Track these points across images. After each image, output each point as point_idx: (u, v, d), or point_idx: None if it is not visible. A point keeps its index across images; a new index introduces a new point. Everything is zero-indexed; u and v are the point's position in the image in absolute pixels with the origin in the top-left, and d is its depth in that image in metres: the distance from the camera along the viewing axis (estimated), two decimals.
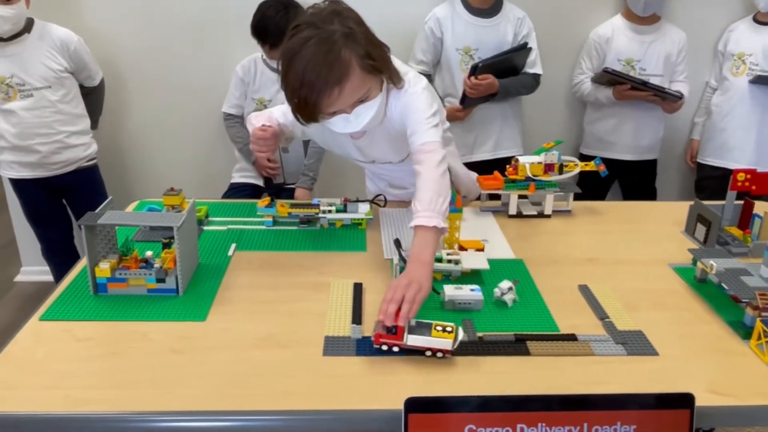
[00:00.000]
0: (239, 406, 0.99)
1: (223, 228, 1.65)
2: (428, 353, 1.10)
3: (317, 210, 1.65)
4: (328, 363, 1.10)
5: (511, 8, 2.57)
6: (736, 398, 1.03)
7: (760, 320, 1.15)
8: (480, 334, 1.18)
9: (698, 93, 2.89)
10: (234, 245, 1.55)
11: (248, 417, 0.99)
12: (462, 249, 1.46)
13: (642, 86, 2.58)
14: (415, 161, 1.38)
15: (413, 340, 1.10)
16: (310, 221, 1.67)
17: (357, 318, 1.22)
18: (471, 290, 1.27)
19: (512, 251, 1.54)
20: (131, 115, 2.95)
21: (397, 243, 1.38)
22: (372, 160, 1.67)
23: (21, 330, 1.18)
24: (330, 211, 1.65)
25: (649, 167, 2.88)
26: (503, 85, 2.48)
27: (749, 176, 1.58)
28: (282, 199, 1.72)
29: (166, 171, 3.02)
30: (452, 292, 1.26)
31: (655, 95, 2.61)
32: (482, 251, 1.45)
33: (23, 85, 2.42)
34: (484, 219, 1.74)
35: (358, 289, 1.33)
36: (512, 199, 1.75)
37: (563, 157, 1.74)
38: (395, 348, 1.11)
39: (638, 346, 1.15)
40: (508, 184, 1.74)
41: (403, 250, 1.34)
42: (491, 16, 2.53)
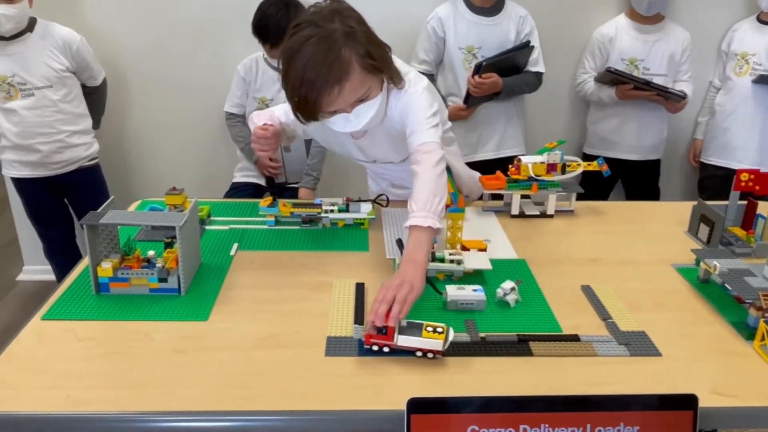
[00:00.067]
0: (241, 407, 0.99)
1: (225, 228, 1.65)
2: (419, 354, 1.10)
3: (319, 210, 1.65)
4: (330, 363, 1.10)
5: (513, 6, 2.56)
6: (740, 399, 1.03)
7: (764, 321, 1.14)
8: (482, 335, 1.17)
9: (702, 93, 2.89)
10: (236, 245, 1.54)
11: (250, 417, 0.98)
12: (464, 249, 1.45)
13: (645, 86, 2.58)
14: (413, 161, 1.37)
15: (403, 341, 1.10)
16: (313, 221, 1.67)
17: (359, 318, 1.22)
18: (473, 290, 1.26)
19: (515, 251, 1.54)
20: (133, 115, 2.95)
21: (399, 243, 1.37)
22: (373, 160, 1.67)
23: (23, 329, 1.18)
24: (332, 211, 1.65)
25: (653, 167, 2.87)
26: (507, 84, 2.48)
27: (753, 176, 1.57)
28: (284, 199, 1.72)
29: (168, 170, 3.02)
30: (455, 293, 1.26)
31: (658, 95, 2.61)
32: (485, 251, 1.45)
33: (25, 85, 2.42)
34: (487, 219, 1.74)
35: (360, 289, 1.33)
36: (515, 199, 1.74)
37: (566, 157, 1.74)
38: (386, 348, 1.11)
39: (641, 347, 1.15)
40: (511, 184, 1.73)
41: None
42: (493, 15, 2.53)
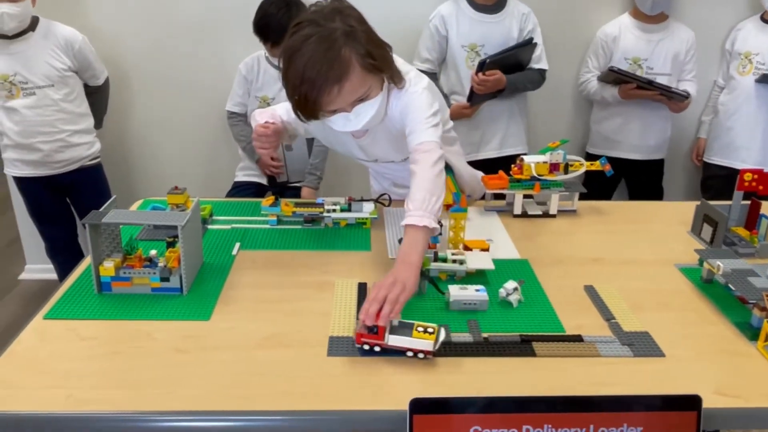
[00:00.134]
0: (243, 406, 0.99)
1: (228, 227, 1.65)
2: (409, 354, 1.10)
3: (321, 209, 1.65)
4: (333, 363, 1.10)
5: (516, 4, 2.56)
6: (743, 400, 1.02)
7: (767, 321, 1.14)
8: (485, 335, 1.17)
9: (706, 92, 2.88)
10: (238, 244, 1.54)
11: (252, 417, 0.98)
12: (467, 249, 1.45)
13: (648, 85, 2.57)
14: (412, 160, 1.37)
15: (394, 340, 1.09)
16: (315, 220, 1.66)
17: None
18: (476, 290, 1.26)
19: (517, 251, 1.53)
20: (135, 114, 2.95)
21: (402, 242, 1.37)
22: (374, 159, 1.66)
23: (25, 329, 1.18)
24: (334, 210, 1.65)
25: (656, 167, 2.87)
26: (510, 81, 2.47)
27: (756, 176, 1.57)
28: (286, 198, 1.72)
29: (170, 169, 3.02)
30: (457, 293, 1.25)
31: (661, 94, 2.60)
32: (487, 251, 1.45)
33: (26, 83, 2.42)
34: (489, 219, 1.74)
35: (363, 289, 1.33)
36: (517, 199, 1.74)
37: (569, 157, 1.73)
38: (377, 348, 1.11)
39: (644, 348, 1.14)
40: (513, 184, 1.73)
41: None
42: (496, 12, 2.53)
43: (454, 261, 1.37)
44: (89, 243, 1.26)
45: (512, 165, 1.74)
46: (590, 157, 2.54)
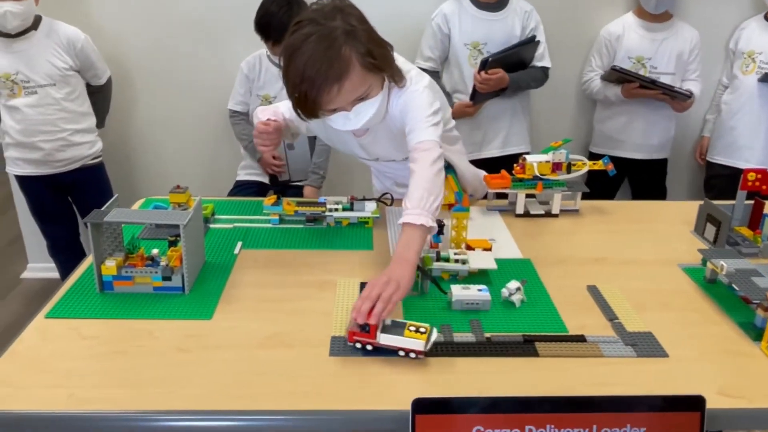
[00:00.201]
0: (244, 406, 0.99)
1: (230, 226, 1.64)
2: (401, 353, 1.09)
3: (324, 208, 1.65)
4: (334, 363, 1.09)
5: (518, 1, 2.55)
6: (747, 400, 1.02)
7: None
8: (488, 335, 1.17)
9: (710, 91, 2.87)
10: (240, 243, 1.54)
11: (253, 417, 0.98)
12: (469, 248, 1.45)
13: (650, 84, 2.57)
14: (411, 159, 1.36)
15: (385, 339, 1.09)
16: (317, 219, 1.66)
17: None
18: (478, 290, 1.26)
19: (520, 251, 1.53)
20: (137, 113, 2.95)
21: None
22: (376, 158, 1.66)
23: (26, 328, 1.18)
24: (336, 210, 1.65)
25: (660, 166, 2.86)
26: (513, 80, 2.47)
27: (760, 176, 1.56)
28: (288, 197, 1.71)
29: (172, 168, 3.02)
30: (460, 292, 1.25)
31: (664, 94, 2.60)
32: (489, 251, 1.44)
33: (28, 82, 2.42)
34: (491, 218, 1.73)
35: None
36: (519, 198, 1.73)
37: (571, 156, 1.73)
38: (369, 347, 1.10)
39: (648, 348, 1.14)
40: (516, 183, 1.72)
41: None
42: (498, 10, 2.52)
43: (457, 260, 1.37)
44: (91, 242, 1.26)
45: (515, 164, 1.74)
46: (593, 157, 2.54)
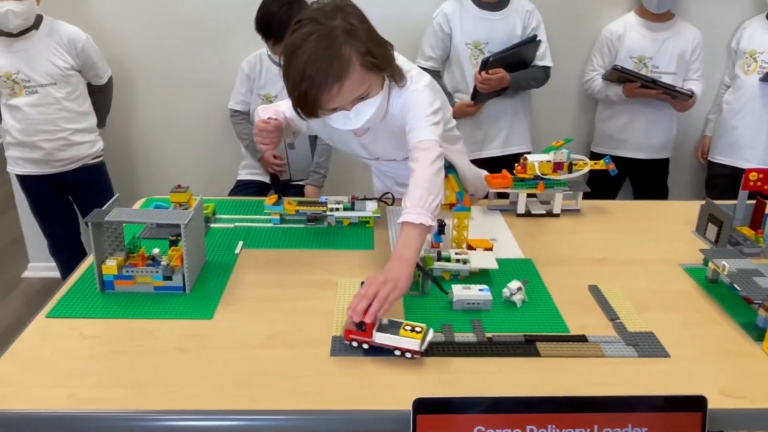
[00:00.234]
0: (245, 406, 0.99)
1: (231, 226, 1.64)
2: (397, 353, 1.09)
3: (325, 208, 1.65)
4: (335, 363, 1.09)
5: (519, 1, 2.55)
6: (748, 401, 1.02)
7: None
8: (489, 335, 1.17)
9: (713, 91, 2.87)
10: (241, 243, 1.54)
11: (254, 417, 0.98)
12: (470, 248, 1.44)
13: (651, 84, 2.56)
14: (411, 158, 1.36)
15: (381, 338, 1.09)
16: (318, 219, 1.66)
17: None
18: (480, 290, 1.25)
19: (521, 251, 1.53)
20: (139, 112, 2.95)
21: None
22: (376, 157, 1.66)
23: (27, 327, 1.18)
24: (337, 209, 1.65)
25: (661, 166, 2.86)
26: (514, 79, 2.46)
27: (761, 176, 1.56)
28: (289, 196, 1.71)
29: (173, 168, 3.02)
30: (461, 292, 1.25)
31: (666, 93, 2.59)
32: (491, 251, 1.44)
33: (28, 82, 2.42)
34: (493, 218, 1.73)
35: None
36: (521, 198, 1.73)
37: (573, 156, 1.73)
38: (365, 345, 1.10)
39: (649, 348, 1.14)
40: (517, 183, 1.72)
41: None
42: (500, 10, 2.52)
43: (458, 260, 1.37)
44: (92, 241, 1.26)
45: (516, 164, 1.74)
46: (595, 156, 2.53)
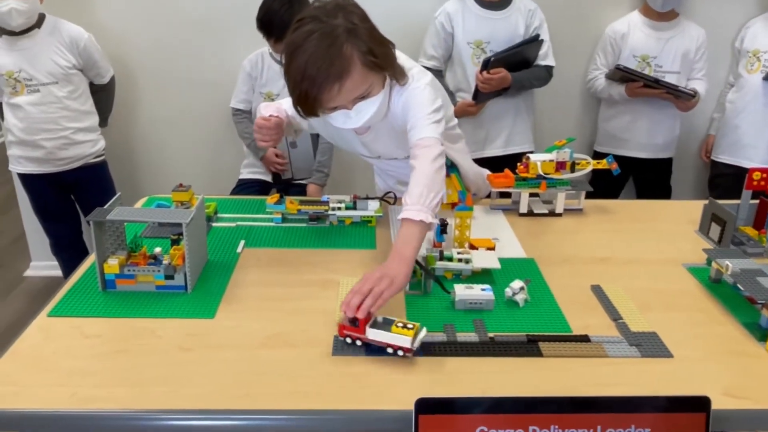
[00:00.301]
0: (247, 406, 0.99)
1: (232, 225, 1.64)
2: (390, 350, 1.09)
3: (326, 207, 1.64)
4: (337, 362, 1.09)
5: (522, 0, 2.54)
6: (752, 401, 1.01)
7: None
8: (491, 335, 1.16)
9: (717, 90, 2.86)
10: (243, 242, 1.54)
11: (256, 416, 0.98)
12: (473, 248, 1.44)
13: (654, 84, 2.56)
14: (412, 156, 1.36)
15: (373, 334, 1.09)
16: (320, 218, 1.66)
17: None
18: (482, 290, 1.25)
19: (523, 250, 1.52)
20: (140, 112, 2.95)
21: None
22: (377, 156, 1.66)
23: (29, 326, 1.18)
24: (339, 208, 1.64)
25: (664, 165, 2.85)
26: (516, 79, 2.46)
27: (765, 175, 1.55)
28: (291, 195, 1.71)
29: (175, 167, 3.02)
30: (463, 292, 1.25)
31: (668, 93, 2.59)
32: (493, 250, 1.44)
33: (30, 80, 2.42)
34: (495, 217, 1.73)
35: None
36: (523, 198, 1.73)
37: (575, 155, 1.72)
38: (358, 342, 1.11)
39: (652, 348, 1.13)
40: (519, 182, 1.72)
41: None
42: (502, 9, 2.51)
43: (460, 260, 1.36)
44: (93, 240, 1.26)
45: (518, 163, 1.73)
46: (598, 156, 2.53)
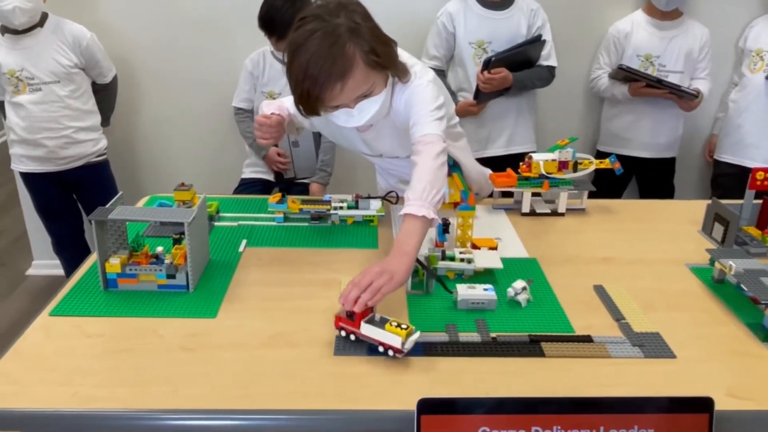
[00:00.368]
0: (248, 406, 0.98)
1: (234, 224, 1.64)
2: (381, 349, 1.09)
3: (328, 206, 1.64)
4: (339, 362, 1.09)
5: None
6: (755, 402, 1.01)
7: None
8: (493, 335, 1.16)
9: (721, 89, 2.85)
10: (245, 241, 1.54)
11: (257, 416, 0.98)
12: (475, 247, 1.44)
13: (657, 84, 2.55)
14: (414, 152, 1.35)
15: (366, 330, 1.09)
16: (321, 218, 1.66)
17: None
18: (484, 290, 1.25)
19: (525, 250, 1.52)
20: (143, 110, 2.95)
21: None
22: (379, 154, 1.65)
23: (31, 325, 1.18)
24: (341, 208, 1.64)
25: (667, 165, 2.84)
26: (518, 79, 2.45)
27: None
28: (293, 195, 1.71)
29: (177, 166, 3.02)
30: (465, 292, 1.24)
31: (671, 93, 2.58)
32: (495, 250, 1.43)
33: (32, 79, 2.42)
34: (497, 217, 1.72)
35: None
36: (525, 197, 1.72)
37: (578, 155, 1.72)
38: (352, 337, 1.11)
39: (655, 349, 1.13)
40: (522, 182, 1.71)
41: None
42: (504, 9, 2.50)
43: (462, 260, 1.36)
44: (95, 239, 1.26)
45: (521, 162, 1.73)
46: (601, 155, 2.52)
